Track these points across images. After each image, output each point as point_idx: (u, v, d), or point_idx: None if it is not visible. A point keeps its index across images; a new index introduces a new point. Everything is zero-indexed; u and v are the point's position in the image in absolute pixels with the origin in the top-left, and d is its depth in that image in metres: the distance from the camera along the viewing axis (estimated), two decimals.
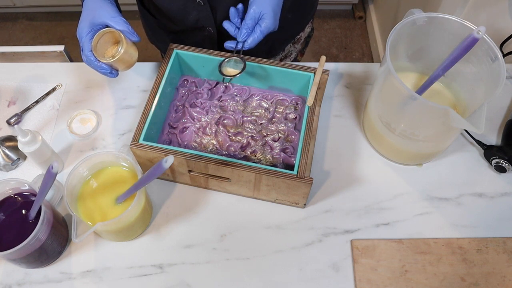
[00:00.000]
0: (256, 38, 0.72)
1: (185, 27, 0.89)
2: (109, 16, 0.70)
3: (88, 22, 0.71)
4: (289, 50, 1.03)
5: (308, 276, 0.72)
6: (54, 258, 0.72)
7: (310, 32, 1.06)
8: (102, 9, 0.70)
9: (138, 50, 0.76)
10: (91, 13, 0.71)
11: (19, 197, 0.70)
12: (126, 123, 0.87)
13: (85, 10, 0.72)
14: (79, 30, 0.72)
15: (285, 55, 1.04)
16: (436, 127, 0.71)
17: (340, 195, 0.79)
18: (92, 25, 0.71)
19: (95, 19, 0.70)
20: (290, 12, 0.88)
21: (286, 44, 1.00)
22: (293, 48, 1.03)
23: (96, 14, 0.70)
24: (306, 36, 1.05)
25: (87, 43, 0.70)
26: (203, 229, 0.76)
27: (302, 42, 1.05)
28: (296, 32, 0.99)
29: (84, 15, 0.72)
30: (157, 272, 0.72)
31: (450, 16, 0.72)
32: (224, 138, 0.78)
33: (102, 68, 0.71)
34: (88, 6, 0.72)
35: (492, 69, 0.69)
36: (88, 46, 0.70)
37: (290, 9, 0.87)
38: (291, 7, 0.87)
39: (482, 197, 0.79)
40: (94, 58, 0.70)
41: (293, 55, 1.06)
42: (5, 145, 0.82)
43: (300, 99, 0.83)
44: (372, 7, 2.16)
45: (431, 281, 0.71)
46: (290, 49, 1.03)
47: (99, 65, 0.71)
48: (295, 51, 1.05)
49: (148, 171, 0.60)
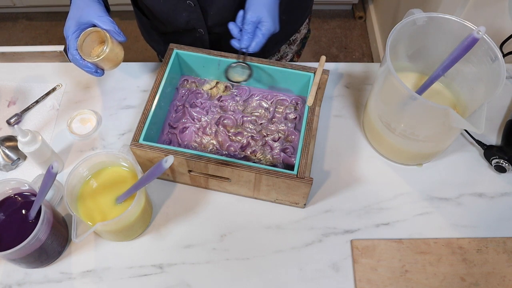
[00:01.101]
0: (259, 41, 0.73)
1: (176, 28, 0.89)
2: (96, 15, 0.70)
3: (75, 21, 0.71)
4: (285, 51, 1.03)
5: (308, 276, 0.72)
6: (54, 258, 0.72)
7: (307, 34, 1.06)
8: (89, 8, 0.70)
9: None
10: (78, 11, 0.71)
11: (19, 197, 0.70)
12: (126, 123, 0.87)
13: (73, 9, 0.72)
14: (65, 28, 0.72)
15: (280, 56, 1.04)
16: (436, 127, 0.71)
17: (340, 195, 0.79)
18: (79, 23, 0.71)
19: (82, 18, 0.70)
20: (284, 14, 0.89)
21: (279, 45, 1.00)
22: (289, 49, 1.04)
23: (83, 13, 0.70)
24: (302, 37, 1.05)
25: (73, 42, 0.71)
26: (203, 229, 0.76)
27: (298, 43, 1.05)
28: (289, 34, 0.99)
29: (71, 14, 0.72)
30: (157, 272, 0.72)
31: (450, 16, 0.72)
32: (224, 138, 0.78)
33: (87, 67, 0.72)
34: (75, 4, 0.72)
35: (492, 69, 0.69)
36: (74, 44, 0.70)
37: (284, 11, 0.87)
38: (285, 9, 0.87)
39: (482, 197, 0.79)
40: (79, 57, 0.71)
41: (289, 56, 1.06)
42: (5, 145, 0.82)
43: (300, 99, 0.83)
44: (372, 7, 2.16)
45: (431, 281, 0.71)
46: (286, 50, 1.03)
47: (84, 64, 0.71)
48: (291, 52, 1.05)
49: (148, 171, 0.60)
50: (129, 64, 0.95)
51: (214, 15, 0.84)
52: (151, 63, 0.96)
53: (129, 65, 0.95)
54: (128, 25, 2.22)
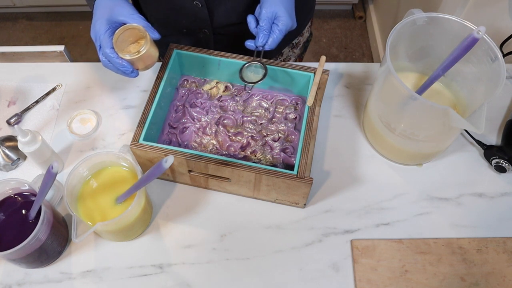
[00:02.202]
0: (275, 38, 0.70)
1: (180, 28, 0.89)
2: (127, 13, 0.67)
3: (105, 20, 0.67)
4: (287, 55, 1.03)
5: (308, 276, 0.72)
6: (54, 258, 0.72)
7: (309, 37, 1.06)
8: (120, 7, 0.67)
9: None
10: (107, 11, 0.68)
11: (19, 197, 0.70)
12: (126, 123, 0.87)
13: (99, 9, 0.69)
14: (95, 29, 0.68)
15: (283, 60, 1.04)
16: (436, 127, 0.71)
17: (340, 195, 0.79)
18: (110, 22, 0.67)
19: (112, 17, 0.67)
20: None
21: (282, 48, 1.00)
22: (291, 53, 1.03)
23: (114, 12, 0.67)
24: (305, 41, 1.05)
25: (106, 40, 0.66)
26: (203, 229, 0.76)
27: (301, 47, 1.05)
28: (292, 37, 0.99)
29: (99, 14, 0.68)
30: (157, 272, 0.72)
31: (450, 16, 0.72)
32: (224, 138, 0.78)
33: (123, 66, 0.67)
34: (101, 5, 0.69)
35: (492, 69, 0.69)
36: (108, 43, 0.66)
37: None
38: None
39: (482, 197, 0.79)
40: (115, 55, 0.66)
41: (292, 59, 1.06)
42: (5, 145, 0.82)
43: (300, 99, 0.83)
44: (372, 7, 2.16)
45: (431, 281, 0.71)
46: (289, 53, 1.03)
47: (120, 63, 0.66)
48: (294, 55, 1.05)
49: (148, 171, 0.60)
50: None
51: (220, 16, 0.83)
52: None
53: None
54: None
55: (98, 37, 0.67)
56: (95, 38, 0.68)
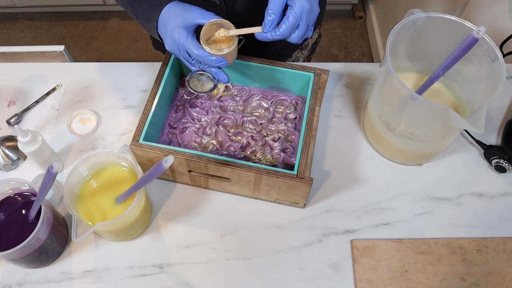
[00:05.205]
0: (289, 24, 0.60)
1: None
2: (199, 15, 0.66)
3: (180, 28, 0.65)
4: (296, 57, 1.04)
5: (308, 276, 0.72)
6: (54, 258, 0.72)
7: (317, 38, 1.07)
8: (188, 12, 0.66)
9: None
10: (177, 19, 0.66)
11: (19, 197, 0.70)
12: (126, 123, 0.87)
13: (167, 22, 0.67)
14: (173, 38, 0.65)
15: (292, 61, 1.04)
16: (436, 127, 0.71)
17: (340, 195, 0.79)
18: (186, 27, 0.65)
19: (185, 22, 0.65)
20: None
21: (294, 50, 1.00)
22: (300, 55, 1.04)
23: (185, 18, 0.65)
24: (314, 42, 1.05)
25: (192, 44, 0.64)
26: (203, 229, 0.76)
27: (309, 48, 1.05)
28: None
29: (170, 25, 0.66)
30: (157, 272, 0.72)
31: (450, 16, 0.72)
32: (224, 138, 0.78)
33: (219, 61, 0.65)
34: (167, 16, 0.67)
35: (492, 69, 0.69)
36: (196, 45, 0.64)
37: None
38: None
39: (482, 197, 0.79)
40: (207, 53, 0.64)
41: (300, 61, 1.06)
42: (5, 145, 0.82)
43: (300, 99, 0.83)
44: (372, 7, 2.16)
45: (431, 281, 0.71)
46: (298, 55, 1.03)
47: (215, 59, 0.64)
48: (302, 57, 1.05)
49: (148, 171, 0.60)
50: (129, 64, 0.95)
51: (238, 14, 0.82)
52: (151, 63, 0.95)
53: (129, 65, 0.95)
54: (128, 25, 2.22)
55: (179, 47, 0.66)
56: (176, 48, 0.66)
